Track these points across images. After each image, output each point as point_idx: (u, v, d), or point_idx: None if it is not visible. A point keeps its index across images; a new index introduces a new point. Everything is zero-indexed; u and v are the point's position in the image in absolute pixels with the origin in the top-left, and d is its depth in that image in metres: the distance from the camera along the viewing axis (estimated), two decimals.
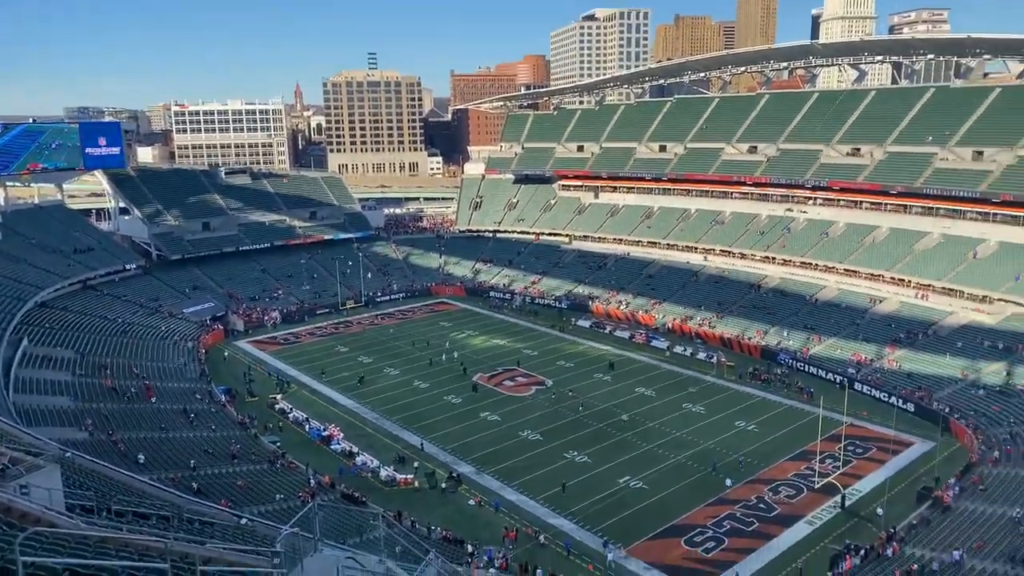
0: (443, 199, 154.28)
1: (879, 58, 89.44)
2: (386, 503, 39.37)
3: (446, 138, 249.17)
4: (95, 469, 30.22)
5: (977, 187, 67.69)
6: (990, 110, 73.98)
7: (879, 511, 37.88)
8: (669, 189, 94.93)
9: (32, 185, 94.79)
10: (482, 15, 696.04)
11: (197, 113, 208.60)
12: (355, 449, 46.78)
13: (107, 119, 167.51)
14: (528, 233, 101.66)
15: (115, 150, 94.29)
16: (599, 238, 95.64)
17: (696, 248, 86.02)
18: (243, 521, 27.72)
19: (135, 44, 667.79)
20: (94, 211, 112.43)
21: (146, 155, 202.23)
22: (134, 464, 38.13)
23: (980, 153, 70.92)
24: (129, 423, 46.03)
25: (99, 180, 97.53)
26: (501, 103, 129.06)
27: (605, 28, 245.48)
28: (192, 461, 40.77)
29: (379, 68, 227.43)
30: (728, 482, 42.05)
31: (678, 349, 67.96)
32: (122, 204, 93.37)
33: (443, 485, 42.35)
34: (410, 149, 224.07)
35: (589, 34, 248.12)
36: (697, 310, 75.20)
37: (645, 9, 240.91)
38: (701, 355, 66.06)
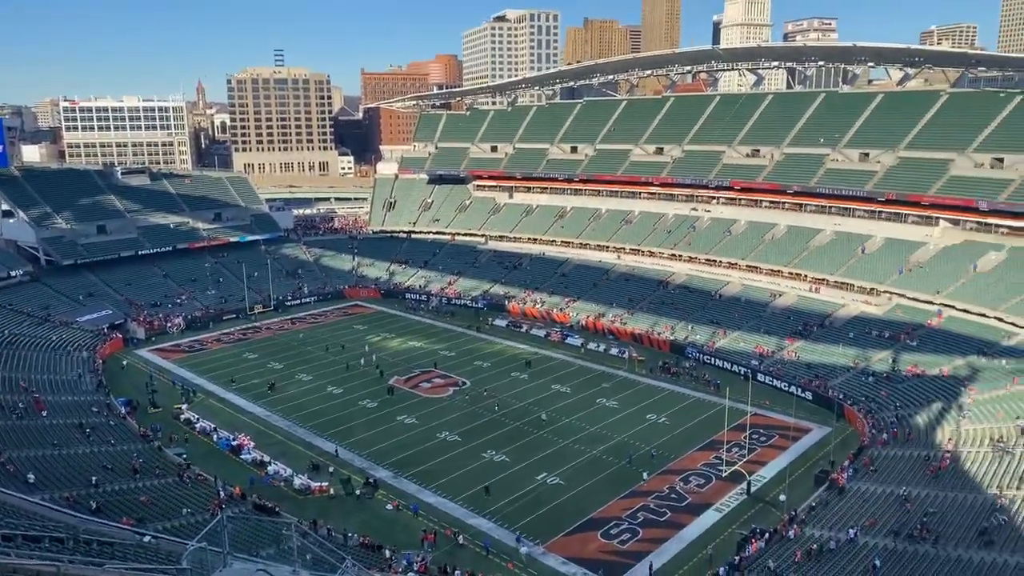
0: (355, 199, 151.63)
1: (775, 64, 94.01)
2: (300, 512, 38.39)
3: (357, 137, 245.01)
4: None
5: (864, 186, 72.27)
6: (874, 114, 79.19)
7: (781, 496, 39.87)
8: (581, 190, 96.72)
9: None
10: (393, 13, 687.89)
11: (89, 110, 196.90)
12: (266, 458, 45.35)
13: None
14: (444, 234, 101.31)
15: None
16: (514, 238, 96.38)
17: (607, 247, 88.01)
18: (147, 539, 26.49)
19: (18, 32, 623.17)
20: None
21: (32, 154, 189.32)
22: (23, 484, 35.63)
23: (866, 154, 75.79)
24: (18, 441, 42.94)
25: None
26: (414, 102, 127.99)
27: (516, 29, 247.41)
28: (94, 478, 38.46)
29: (287, 65, 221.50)
30: (645, 475, 43.24)
31: (591, 346, 69.37)
32: (5, 206, 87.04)
33: (359, 491, 41.66)
34: (320, 148, 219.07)
35: (501, 35, 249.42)
36: (609, 307, 76.97)
37: (554, 11, 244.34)
38: (614, 351, 67.66)
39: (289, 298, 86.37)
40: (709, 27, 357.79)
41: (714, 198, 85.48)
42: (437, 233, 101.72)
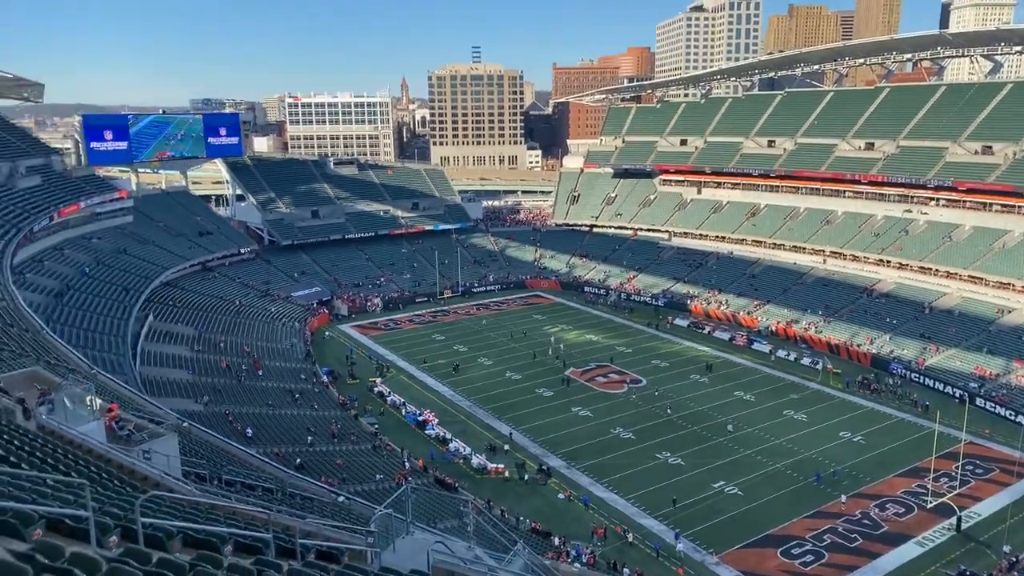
0: (541, 192, 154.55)
1: (1017, 48, 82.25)
2: (476, 490, 39.95)
3: (546, 131, 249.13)
4: (208, 440, 32.08)
5: None
6: None
7: (1005, 546, 35.00)
8: (776, 186, 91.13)
9: (160, 172, 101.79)
10: (587, 8, 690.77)
11: (309, 105, 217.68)
12: (448, 435, 47.67)
13: (227, 111, 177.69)
14: (626, 228, 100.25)
15: (234, 140, 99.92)
16: (700, 235, 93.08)
17: (804, 248, 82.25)
18: (341, 499, 28.78)
19: (255, 39, 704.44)
20: (214, 197, 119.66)
21: (262, 145, 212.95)
22: (243, 437, 40.32)
23: None
24: (240, 399, 48.74)
25: (219, 168, 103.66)
26: (603, 96, 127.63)
27: (714, 19, 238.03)
28: (310, 438, 42.89)
29: (483, 61, 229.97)
30: (843, 497, 39.84)
31: (781, 353, 65.24)
32: (239, 191, 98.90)
33: (534, 477, 42.50)
34: (510, 142, 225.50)
35: (696, 26, 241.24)
36: (803, 313, 71.91)
37: None
38: (806, 360, 63.17)
39: (475, 285, 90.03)
40: (935, 10, 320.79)
41: (933, 199, 76.69)
42: (619, 228, 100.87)
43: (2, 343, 30.81)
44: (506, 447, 46.40)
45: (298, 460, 38.36)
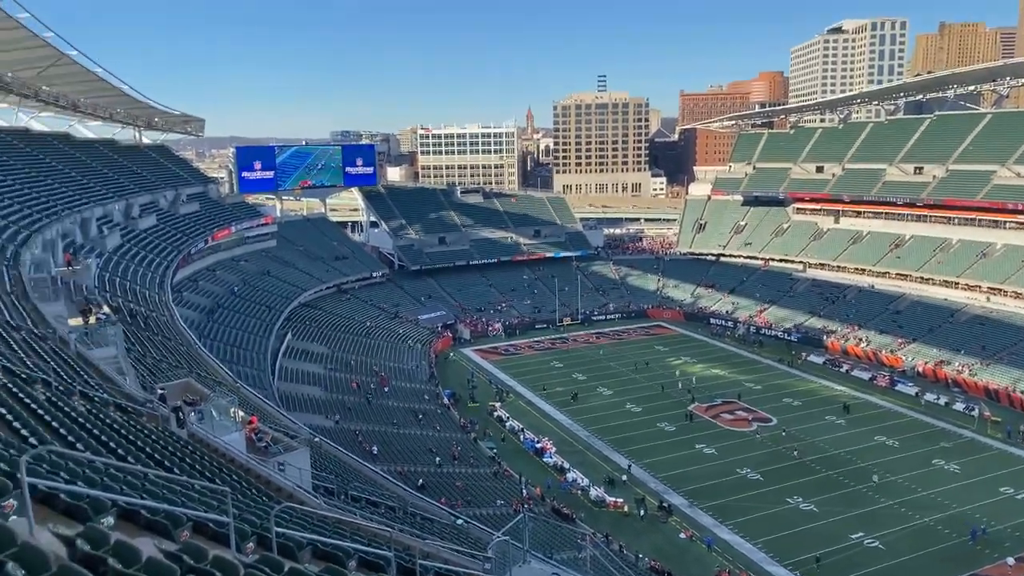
0: (664, 220, 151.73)
1: None
2: (594, 523, 39.10)
3: (671, 158, 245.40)
4: (337, 456, 33.34)
5: None
6: None
7: None
8: (924, 216, 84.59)
9: (301, 199, 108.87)
10: (717, 35, 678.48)
11: (439, 136, 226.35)
12: (566, 465, 47.12)
13: (364, 142, 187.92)
14: (756, 258, 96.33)
15: (369, 170, 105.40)
16: (838, 267, 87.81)
17: (957, 283, 75.60)
18: (459, 522, 29.00)
19: (392, 75, 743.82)
20: (350, 224, 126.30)
21: (394, 174, 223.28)
22: (369, 455, 41.69)
23: None
24: (368, 416, 50.59)
25: (355, 196, 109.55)
26: (732, 122, 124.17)
27: (854, 41, 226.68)
28: (438, 459, 44.02)
29: (608, 90, 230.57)
30: (1010, 560, 35.79)
31: (930, 396, 59.86)
32: (372, 218, 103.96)
33: (654, 513, 41.11)
34: (634, 169, 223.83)
35: (835, 48, 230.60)
36: (955, 354, 65.86)
37: (902, 18, 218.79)
38: (959, 406, 57.63)
39: (595, 313, 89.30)
40: None
41: None
42: (749, 257, 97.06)
43: (162, 355, 33.64)
44: (624, 478, 45.33)
45: (420, 481, 39.13)
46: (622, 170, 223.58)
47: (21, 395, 15.59)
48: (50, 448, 10.17)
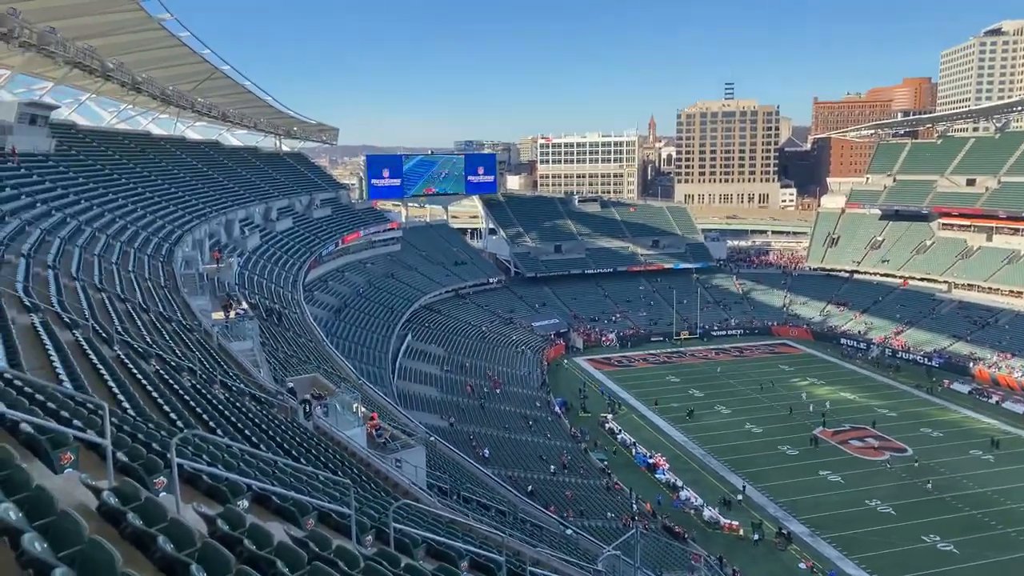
0: (793, 233, 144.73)
1: None
2: (706, 544, 37.73)
3: (802, 169, 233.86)
4: (451, 456, 34.00)
5: None
6: None
7: None
8: None
9: (425, 206, 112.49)
10: (855, 39, 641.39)
11: (559, 145, 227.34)
12: (679, 483, 45.78)
13: (486, 151, 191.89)
14: (894, 276, 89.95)
15: (490, 178, 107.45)
16: (989, 288, 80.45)
17: None
18: (568, 532, 28.79)
19: (515, 86, 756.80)
20: (469, 230, 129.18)
21: (514, 183, 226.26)
22: (480, 457, 42.28)
23: None
24: (480, 419, 51.39)
25: (475, 204, 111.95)
26: (871, 131, 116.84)
27: (1016, 43, 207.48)
28: (552, 467, 44.24)
29: (736, 97, 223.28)
30: None
31: None
32: (491, 225, 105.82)
33: (772, 540, 39.14)
34: (761, 180, 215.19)
35: (993, 51, 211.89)
36: None
37: None
38: None
39: (715, 328, 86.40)
40: None
41: None
42: (885, 275, 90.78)
43: (293, 350, 35.64)
44: (739, 497, 43.49)
45: (530, 487, 39.22)
46: (748, 180, 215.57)
47: (171, 381, 16.93)
48: (195, 432, 10.93)
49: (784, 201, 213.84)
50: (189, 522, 6.14)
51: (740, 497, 43.65)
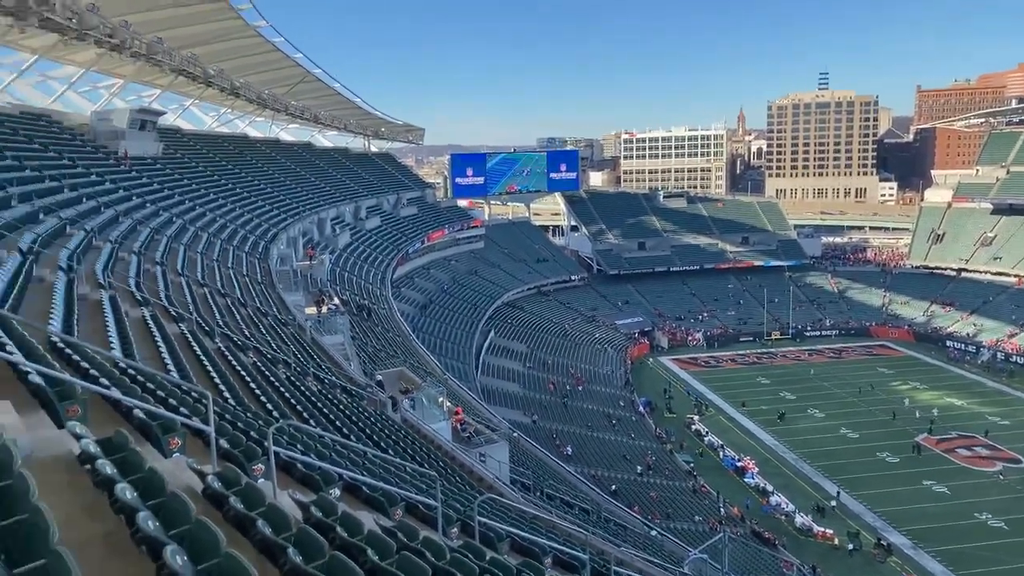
0: (893, 229, 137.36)
1: None
2: (798, 552, 36.31)
3: (903, 161, 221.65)
4: (534, 453, 34.05)
5: None
6: None
7: None
8: None
9: (507, 203, 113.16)
10: (965, 23, 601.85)
11: (643, 140, 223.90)
12: (769, 487, 44.23)
13: (568, 148, 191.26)
14: (1007, 275, 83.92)
15: (572, 175, 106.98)
16: None
17: None
18: (653, 533, 28.31)
19: (599, 81, 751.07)
20: (551, 227, 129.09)
21: (596, 179, 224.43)
22: (562, 455, 42.17)
23: None
24: (563, 417, 51.27)
25: (558, 200, 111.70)
26: (982, 120, 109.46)
27: None
28: (639, 467, 43.83)
29: (831, 88, 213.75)
30: None
31: None
32: (573, 222, 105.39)
33: (870, 551, 37.27)
34: (858, 173, 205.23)
35: None
36: None
37: None
38: None
39: (808, 328, 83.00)
40: None
41: None
42: (998, 274, 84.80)
43: (381, 345, 36.55)
44: (833, 503, 41.65)
45: (613, 487, 38.83)
46: (844, 174, 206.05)
47: (267, 373, 17.65)
48: (290, 422, 11.32)
49: (883, 195, 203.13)
50: (285, 508, 6.34)
51: (834, 503, 41.82)
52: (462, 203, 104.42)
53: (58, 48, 37.38)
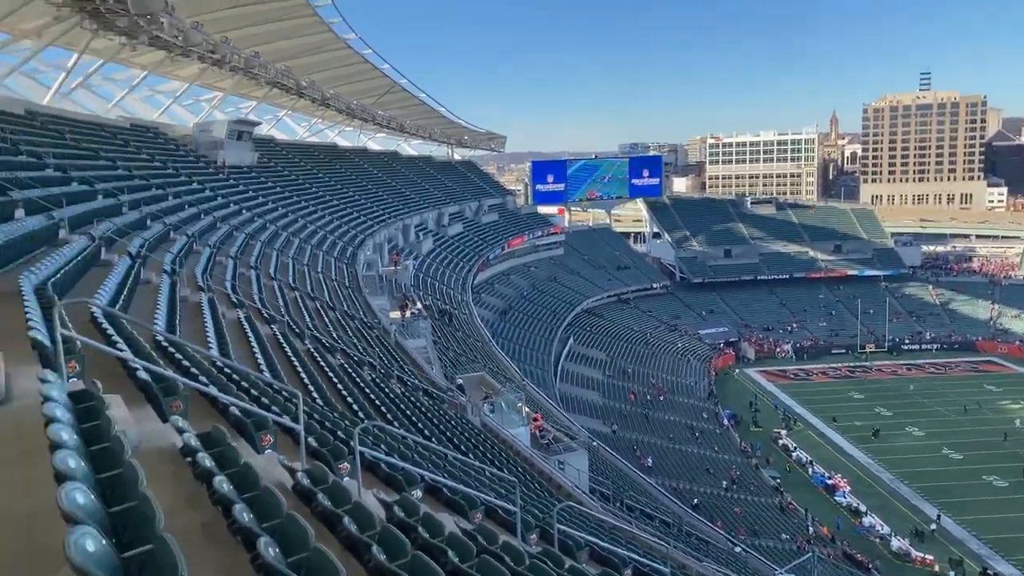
0: (1003, 237, 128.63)
1: None
2: None
3: (1016, 165, 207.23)
4: (613, 462, 33.66)
5: None
6: None
7: None
8: None
9: (588, 210, 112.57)
10: None
11: (730, 145, 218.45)
12: (863, 507, 42.10)
13: (651, 153, 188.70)
14: None
15: (655, 181, 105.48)
16: None
17: None
18: (737, 549, 27.44)
19: (683, 85, 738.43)
20: (632, 234, 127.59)
21: (680, 185, 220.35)
22: (643, 466, 41.48)
23: None
24: (644, 427, 50.47)
25: (639, 207, 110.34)
26: None
27: None
28: (724, 482, 42.80)
29: (932, 88, 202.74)
30: None
31: None
32: (655, 229, 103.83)
33: None
34: (963, 178, 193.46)
35: None
36: None
37: None
38: None
39: (906, 341, 78.68)
40: None
41: None
42: None
43: (462, 350, 37.02)
44: (933, 527, 39.23)
45: (695, 500, 37.89)
46: (948, 179, 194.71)
47: (353, 375, 18.16)
48: (374, 423, 11.59)
49: (992, 202, 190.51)
50: (369, 506, 6.48)
51: (934, 528, 39.39)
52: (543, 209, 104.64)
53: (165, 64, 39.87)
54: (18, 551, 3.43)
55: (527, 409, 26.02)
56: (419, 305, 36.30)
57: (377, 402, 16.60)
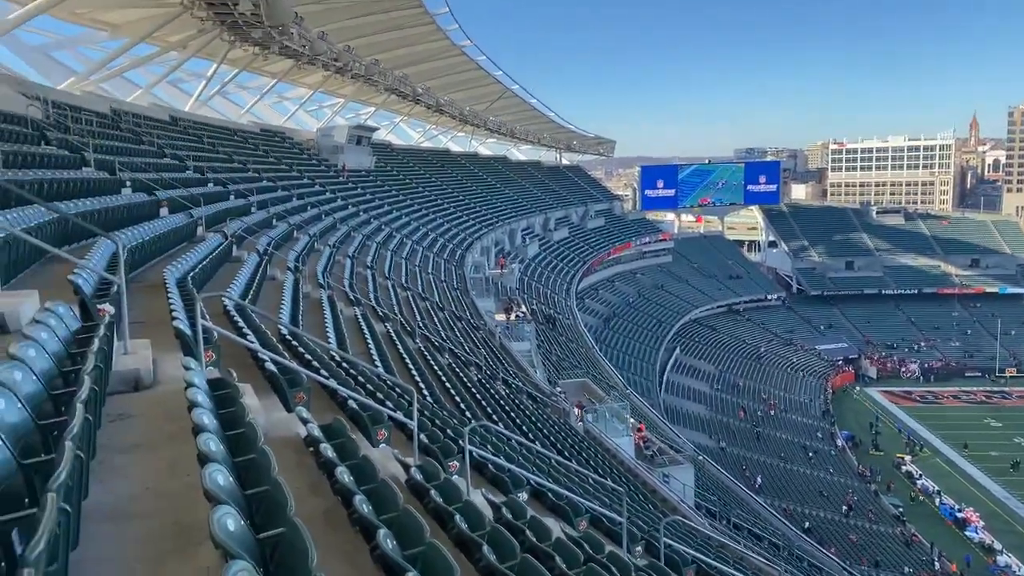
0: None
1: None
2: None
3: None
4: (720, 479, 32.55)
5: None
6: None
7: None
8: None
9: (699, 216, 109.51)
10: None
11: (855, 151, 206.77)
12: (998, 545, 38.62)
13: (768, 159, 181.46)
14: None
15: (772, 187, 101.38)
16: None
17: None
18: None
19: (802, 87, 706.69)
20: (746, 243, 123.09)
21: (799, 192, 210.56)
22: (751, 484, 39.87)
23: None
24: (753, 445, 48.56)
25: (754, 214, 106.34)
26: None
27: None
28: (844, 507, 40.69)
29: None
30: None
31: None
32: (771, 238, 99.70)
33: None
34: None
35: None
36: None
37: None
38: None
39: None
40: None
41: None
42: None
43: (565, 354, 36.94)
44: None
45: (807, 524, 36.03)
46: None
47: (460, 374, 18.47)
48: (482, 424, 11.72)
49: None
50: (478, 505, 6.52)
51: None
52: (651, 215, 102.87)
53: (292, 72, 42.22)
54: (165, 526, 3.67)
55: (631, 419, 25.58)
56: (524, 308, 36.53)
57: (483, 402, 16.80)
